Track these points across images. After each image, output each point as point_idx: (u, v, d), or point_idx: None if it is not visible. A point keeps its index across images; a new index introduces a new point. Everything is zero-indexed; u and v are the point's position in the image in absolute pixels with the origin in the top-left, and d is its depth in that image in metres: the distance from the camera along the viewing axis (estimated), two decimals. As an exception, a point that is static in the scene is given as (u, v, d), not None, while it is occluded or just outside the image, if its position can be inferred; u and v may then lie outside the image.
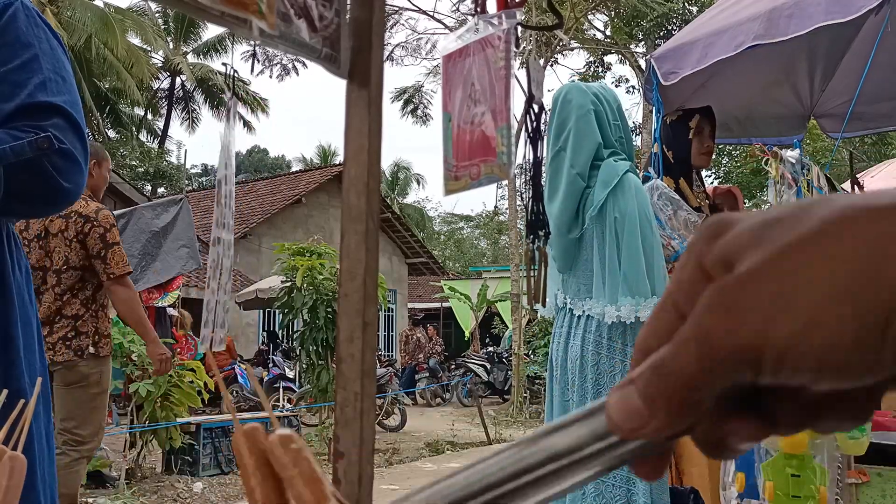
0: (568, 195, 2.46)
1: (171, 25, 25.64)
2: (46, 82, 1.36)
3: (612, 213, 2.39)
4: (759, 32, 2.67)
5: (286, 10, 0.75)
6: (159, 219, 6.39)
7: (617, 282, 2.36)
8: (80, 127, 1.40)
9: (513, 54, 1.32)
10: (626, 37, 15.63)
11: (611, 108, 2.57)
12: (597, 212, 2.41)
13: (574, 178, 2.46)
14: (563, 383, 2.51)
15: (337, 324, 0.79)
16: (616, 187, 2.39)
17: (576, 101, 2.52)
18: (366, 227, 0.80)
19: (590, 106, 2.51)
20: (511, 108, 1.31)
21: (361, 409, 0.78)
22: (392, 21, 14.50)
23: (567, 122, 2.51)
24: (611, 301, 2.36)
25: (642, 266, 2.34)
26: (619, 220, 2.37)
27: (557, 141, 2.51)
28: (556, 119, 2.54)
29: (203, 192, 20.58)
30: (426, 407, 13.99)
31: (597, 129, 2.50)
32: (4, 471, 0.60)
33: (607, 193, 2.39)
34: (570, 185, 2.46)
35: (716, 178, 18.26)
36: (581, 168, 2.46)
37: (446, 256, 33.76)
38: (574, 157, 2.47)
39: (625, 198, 2.38)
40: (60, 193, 1.36)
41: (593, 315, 2.43)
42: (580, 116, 2.49)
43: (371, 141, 0.81)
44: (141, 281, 6.23)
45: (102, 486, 5.70)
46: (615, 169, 2.44)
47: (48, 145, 1.29)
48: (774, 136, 4.23)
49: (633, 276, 2.33)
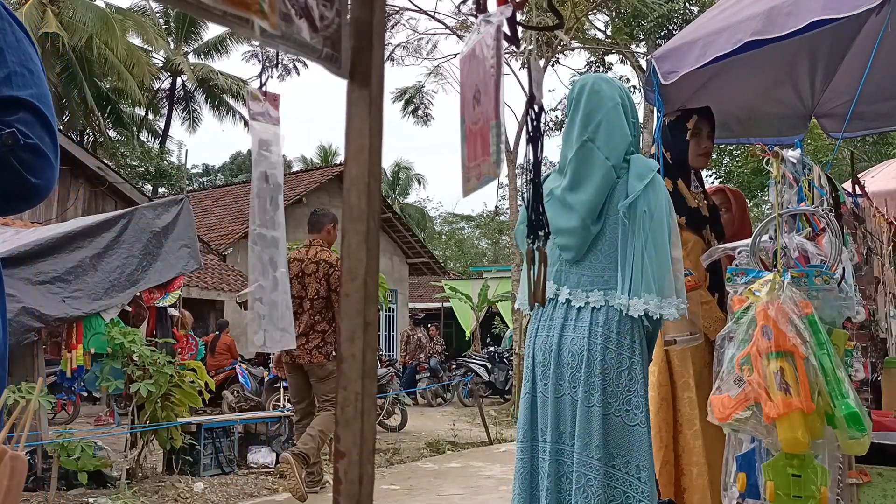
0: (601, 186, 2.40)
1: (172, 25, 25.64)
2: (11, 76, 1.32)
3: (642, 208, 2.35)
4: (757, 29, 2.67)
5: (287, 10, 0.75)
6: (160, 219, 6.39)
7: (640, 277, 2.31)
8: (49, 120, 1.35)
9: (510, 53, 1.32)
10: (627, 37, 15.61)
11: (631, 105, 2.55)
12: (629, 204, 2.37)
13: (609, 171, 2.41)
14: (557, 378, 2.40)
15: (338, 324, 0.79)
16: (650, 183, 2.37)
17: (606, 92, 2.48)
18: (367, 228, 0.80)
19: (618, 99, 2.49)
20: (501, 106, 1.31)
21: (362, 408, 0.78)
22: (393, 21, 14.49)
23: (597, 113, 2.46)
24: (635, 294, 2.31)
25: (669, 265, 2.33)
26: (648, 216, 2.34)
27: (585, 131, 2.45)
28: (581, 108, 2.48)
29: (204, 192, 20.59)
30: (427, 407, 13.98)
31: (626, 124, 2.47)
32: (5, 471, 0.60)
33: (643, 187, 2.35)
34: (605, 178, 2.41)
35: (717, 177, 18.24)
36: (616, 160, 2.42)
37: (447, 256, 33.75)
38: (609, 148, 2.42)
39: (656, 195, 2.36)
40: (30, 190, 1.31)
41: (602, 306, 2.37)
42: (611, 108, 2.46)
43: (372, 141, 0.81)
44: (142, 281, 6.23)
45: (103, 485, 5.70)
46: (648, 164, 2.42)
47: (13, 141, 1.26)
48: (775, 135, 4.22)
49: (659, 273, 2.31)
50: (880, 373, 3.01)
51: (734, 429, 2.07)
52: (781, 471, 1.96)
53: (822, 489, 1.93)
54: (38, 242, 5.68)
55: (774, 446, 1.99)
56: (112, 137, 23.24)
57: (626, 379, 2.33)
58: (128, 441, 6.08)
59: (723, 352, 2.11)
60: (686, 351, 2.93)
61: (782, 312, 1.96)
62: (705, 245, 3.04)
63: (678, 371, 2.95)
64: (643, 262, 2.32)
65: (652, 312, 2.30)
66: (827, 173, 2.59)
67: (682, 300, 2.36)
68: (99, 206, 11.86)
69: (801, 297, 2.02)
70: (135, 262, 6.13)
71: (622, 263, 2.37)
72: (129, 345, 5.87)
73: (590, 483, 2.28)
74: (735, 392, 2.00)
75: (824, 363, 1.94)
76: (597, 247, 2.43)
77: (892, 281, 3.57)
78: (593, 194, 2.40)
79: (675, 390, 2.95)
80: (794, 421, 1.88)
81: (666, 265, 2.32)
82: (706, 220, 3.13)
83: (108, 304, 5.91)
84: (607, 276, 2.41)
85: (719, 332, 2.20)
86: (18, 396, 4.85)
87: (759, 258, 2.32)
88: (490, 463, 7.35)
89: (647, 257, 2.32)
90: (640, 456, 2.30)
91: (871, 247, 3.26)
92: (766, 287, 2.04)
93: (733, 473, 2.16)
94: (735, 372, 2.02)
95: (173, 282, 6.61)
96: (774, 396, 1.89)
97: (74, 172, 11.92)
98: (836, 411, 1.91)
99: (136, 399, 5.82)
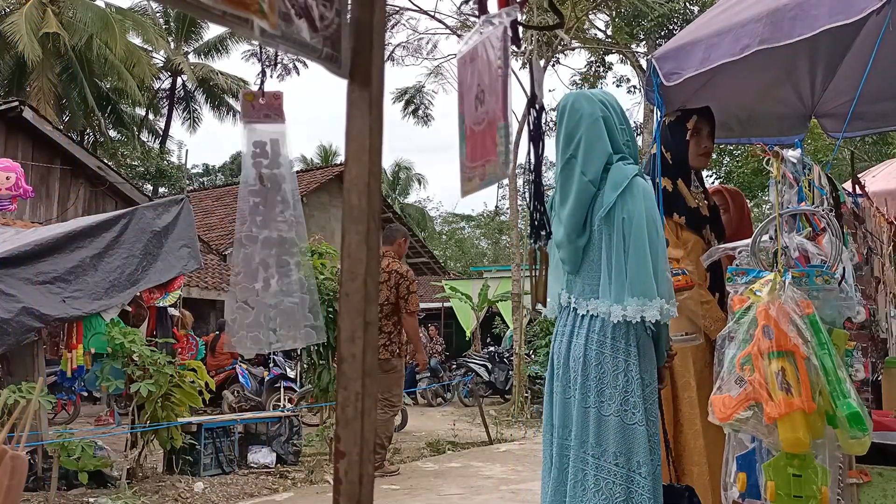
0: (579, 201, 2.51)
1: (173, 25, 25.64)
2: None
3: (620, 215, 2.43)
4: (765, 36, 2.66)
5: (287, 9, 0.75)
6: (160, 219, 6.39)
7: (623, 282, 2.39)
8: None
9: (511, 53, 1.32)
10: (628, 36, 15.60)
11: (616, 113, 2.61)
12: (605, 213, 2.46)
13: (586, 185, 2.51)
14: (565, 380, 2.54)
15: (338, 323, 0.79)
16: (625, 190, 2.44)
17: (585, 109, 2.57)
18: (367, 228, 0.80)
19: (598, 113, 2.56)
20: (509, 107, 1.31)
21: (362, 408, 0.78)
22: (393, 21, 14.49)
23: (577, 131, 2.55)
24: (617, 300, 2.40)
25: (649, 267, 2.38)
26: (627, 222, 2.42)
27: (567, 149, 2.56)
28: (564, 128, 2.59)
29: (204, 191, 20.59)
30: (427, 407, 13.98)
31: (606, 137, 2.55)
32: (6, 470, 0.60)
33: (617, 196, 2.44)
34: (582, 192, 2.51)
35: (717, 177, 18.24)
36: (593, 175, 2.51)
37: (447, 256, 33.73)
38: (585, 164, 2.52)
39: (633, 200, 2.43)
40: None
41: (598, 314, 2.47)
42: (590, 125, 2.54)
43: (372, 141, 0.81)
44: (142, 281, 6.22)
45: (104, 485, 5.70)
46: (624, 172, 2.48)
47: None
48: (776, 135, 4.22)
49: (638, 277, 2.37)
50: (880, 373, 3.01)
51: (735, 429, 2.07)
52: (782, 471, 1.96)
53: (823, 489, 1.93)
54: (38, 242, 5.67)
55: (775, 446, 1.99)
56: (112, 137, 23.24)
57: (622, 381, 2.42)
58: (128, 441, 6.07)
59: (724, 352, 2.11)
60: (687, 351, 2.93)
61: (783, 312, 1.96)
62: (705, 245, 3.04)
63: (679, 371, 2.95)
64: (624, 267, 2.40)
65: (630, 317, 2.37)
66: (827, 173, 2.59)
67: (666, 301, 2.40)
68: (99, 206, 11.85)
69: (803, 296, 2.02)
70: (135, 262, 6.12)
71: (606, 272, 2.46)
72: (129, 345, 5.87)
73: (586, 478, 2.42)
74: (736, 392, 2.00)
75: (825, 363, 1.94)
76: (589, 257, 2.54)
77: (892, 281, 3.57)
78: (572, 209, 2.51)
79: (676, 390, 2.95)
80: (795, 421, 1.88)
81: (646, 268, 2.38)
82: (706, 220, 3.13)
83: (109, 303, 5.90)
84: (601, 285, 2.50)
85: (720, 331, 2.20)
86: (19, 396, 4.85)
87: (759, 258, 2.32)
88: (490, 463, 7.35)
89: (627, 262, 2.40)
90: (640, 452, 2.39)
91: (872, 247, 3.26)
92: (767, 287, 2.04)
93: (734, 473, 2.16)
94: (736, 372, 2.02)
95: (173, 282, 6.60)
96: (776, 396, 1.89)
97: (75, 172, 11.92)
98: (838, 411, 1.91)
99: (137, 399, 5.82)
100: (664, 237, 2.55)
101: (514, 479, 6.33)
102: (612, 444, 2.39)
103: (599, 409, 2.43)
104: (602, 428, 2.42)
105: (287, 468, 6.77)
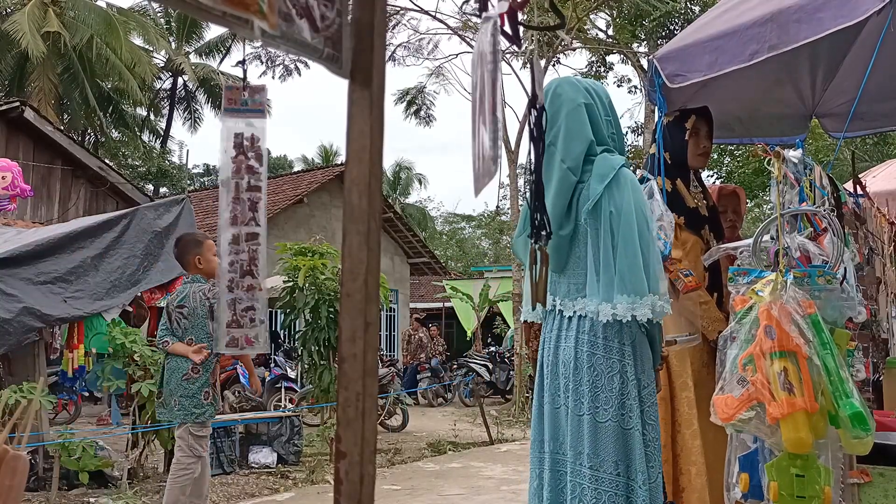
0: (559, 190, 2.36)
1: (174, 25, 25.64)
2: None
3: (607, 209, 2.29)
4: (773, 42, 2.63)
5: (288, 9, 0.75)
6: (161, 219, 6.39)
7: (612, 279, 2.25)
8: None
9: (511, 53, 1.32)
10: (629, 36, 15.59)
11: (602, 103, 2.49)
12: (592, 207, 2.31)
13: (565, 173, 2.36)
14: (554, 389, 2.39)
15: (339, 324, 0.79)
16: (612, 182, 2.31)
17: (566, 94, 2.44)
18: (367, 228, 0.80)
19: (581, 100, 2.43)
20: (498, 104, 1.31)
21: (363, 409, 0.78)
22: (394, 21, 14.48)
23: (557, 117, 2.42)
24: (605, 299, 2.26)
25: (639, 262, 2.24)
26: (615, 216, 2.28)
27: (548, 135, 2.36)
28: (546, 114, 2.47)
29: (205, 191, 20.58)
30: (428, 407, 13.97)
31: (588, 125, 2.42)
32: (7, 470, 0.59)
33: (603, 188, 2.30)
34: (562, 181, 2.36)
35: (718, 177, 18.24)
36: (573, 163, 2.37)
37: (448, 256, 33.73)
38: (565, 151, 2.38)
39: (621, 193, 2.30)
40: None
41: (586, 314, 2.32)
42: (571, 110, 2.41)
43: (373, 141, 0.80)
44: (143, 281, 6.23)
45: (105, 485, 5.70)
46: (611, 163, 2.35)
47: None
48: (777, 135, 4.21)
49: (629, 272, 2.23)
50: (882, 373, 3.01)
51: (738, 429, 2.07)
52: (785, 471, 1.95)
53: (826, 489, 1.92)
54: (39, 242, 5.68)
55: (778, 446, 1.99)
56: (113, 137, 23.24)
57: (618, 383, 2.27)
58: (129, 441, 6.08)
59: (726, 352, 2.11)
60: (684, 351, 2.93)
61: (785, 312, 1.96)
62: (704, 245, 3.04)
63: (676, 371, 2.94)
64: (613, 263, 2.26)
65: (621, 316, 2.22)
66: (828, 173, 2.58)
67: (660, 297, 2.26)
68: (100, 206, 11.85)
69: (804, 297, 2.02)
70: (136, 263, 6.12)
71: (593, 268, 2.32)
72: (130, 345, 5.88)
73: (584, 493, 2.25)
74: (738, 392, 2.00)
75: (827, 363, 1.94)
76: (575, 254, 2.40)
77: (893, 281, 3.57)
78: (553, 198, 2.34)
79: (674, 390, 2.95)
80: (797, 421, 1.87)
81: (636, 263, 2.24)
82: (705, 220, 3.13)
83: (110, 304, 5.91)
84: (588, 282, 2.36)
85: (718, 332, 2.20)
86: (20, 396, 4.85)
87: (760, 258, 2.32)
88: (491, 463, 7.35)
89: (615, 257, 2.26)
90: (637, 460, 2.26)
91: (873, 247, 3.26)
92: (768, 287, 2.04)
93: (736, 474, 2.15)
94: (738, 372, 2.01)
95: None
96: (778, 396, 1.89)
97: (76, 172, 11.91)
98: (840, 411, 1.90)
99: (138, 399, 5.83)
100: (655, 231, 2.46)
101: (515, 480, 6.33)
102: (611, 452, 2.24)
103: (594, 415, 2.26)
104: (599, 436, 2.25)
105: (288, 468, 6.78)
